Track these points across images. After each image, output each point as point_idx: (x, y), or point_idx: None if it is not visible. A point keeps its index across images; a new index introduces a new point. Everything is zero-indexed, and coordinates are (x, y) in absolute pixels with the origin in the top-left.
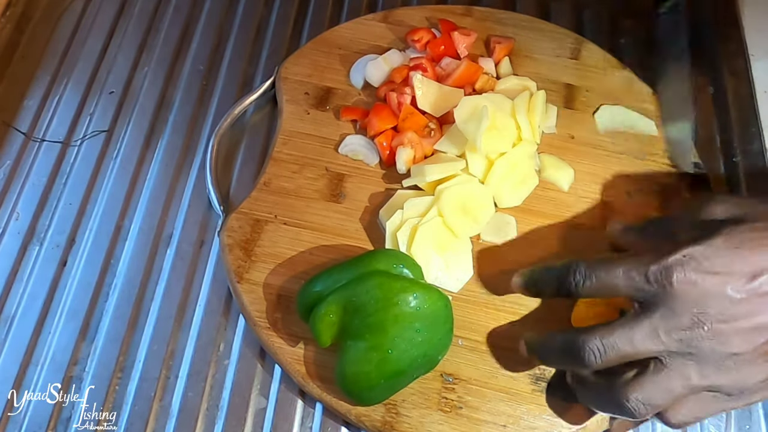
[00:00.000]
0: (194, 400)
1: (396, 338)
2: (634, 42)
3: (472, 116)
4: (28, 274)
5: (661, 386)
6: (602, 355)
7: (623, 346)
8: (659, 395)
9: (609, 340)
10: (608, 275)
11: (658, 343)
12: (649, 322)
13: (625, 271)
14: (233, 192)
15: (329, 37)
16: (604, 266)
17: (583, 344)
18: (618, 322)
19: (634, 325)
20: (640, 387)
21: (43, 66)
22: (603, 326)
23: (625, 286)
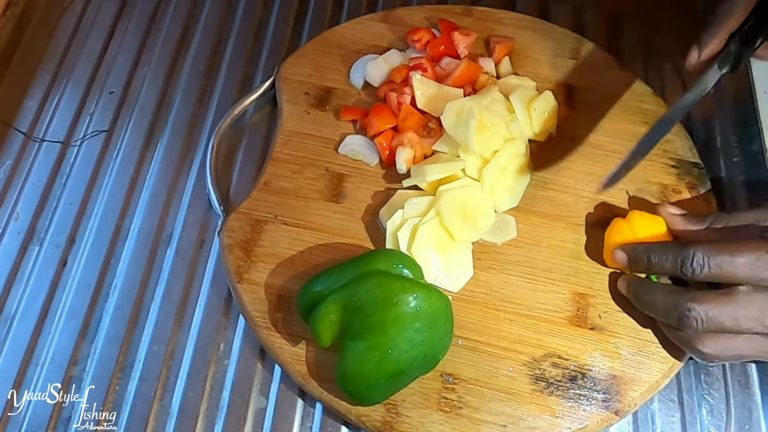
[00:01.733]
0: (194, 400)
1: (396, 338)
2: (634, 42)
3: (459, 120)
4: (28, 274)
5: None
6: (704, 323)
7: (727, 322)
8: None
9: (714, 313)
10: (730, 264)
11: (762, 326)
12: (759, 306)
13: (750, 260)
14: (233, 192)
15: (329, 37)
16: (724, 254)
17: (689, 312)
18: (726, 297)
19: (745, 304)
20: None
21: (43, 66)
22: (710, 296)
23: (747, 273)
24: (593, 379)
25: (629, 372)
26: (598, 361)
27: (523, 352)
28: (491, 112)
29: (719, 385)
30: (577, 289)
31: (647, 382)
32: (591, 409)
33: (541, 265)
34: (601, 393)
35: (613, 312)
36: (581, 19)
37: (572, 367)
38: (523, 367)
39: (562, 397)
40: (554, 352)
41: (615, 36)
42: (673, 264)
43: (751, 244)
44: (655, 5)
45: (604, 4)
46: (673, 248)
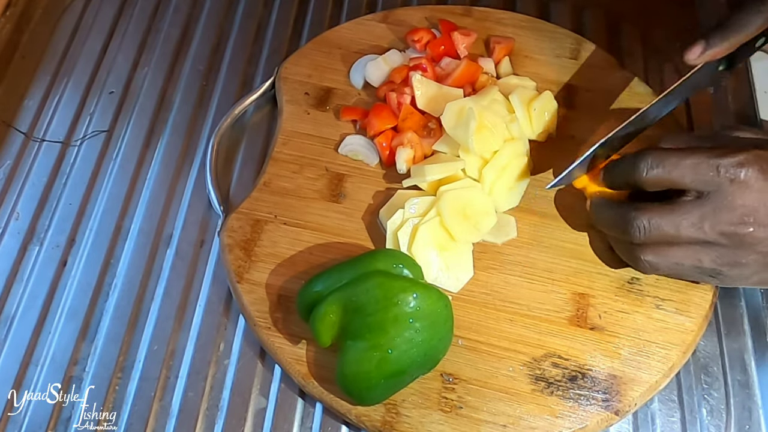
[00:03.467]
0: (194, 400)
1: (396, 338)
2: (634, 42)
3: (459, 120)
4: (28, 274)
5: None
6: (646, 231)
7: (668, 228)
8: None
9: (656, 221)
10: (678, 166)
11: (700, 232)
12: (699, 212)
13: (695, 162)
14: (233, 192)
15: (329, 37)
16: (673, 157)
17: (632, 220)
18: (670, 206)
19: (685, 212)
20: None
21: (43, 66)
22: (655, 206)
23: (692, 177)
24: (593, 379)
25: (629, 372)
26: (598, 361)
27: (523, 352)
28: (491, 112)
29: (719, 385)
30: (577, 289)
31: (647, 382)
32: (591, 409)
33: (541, 265)
34: (601, 393)
35: (613, 312)
36: (581, 19)
37: (572, 367)
38: (523, 367)
39: (562, 397)
40: (554, 352)
41: (615, 36)
42: (628, 169)
43: (698, 151)
44: (655, 5)
45: (604, 4)
46: (628, 156)
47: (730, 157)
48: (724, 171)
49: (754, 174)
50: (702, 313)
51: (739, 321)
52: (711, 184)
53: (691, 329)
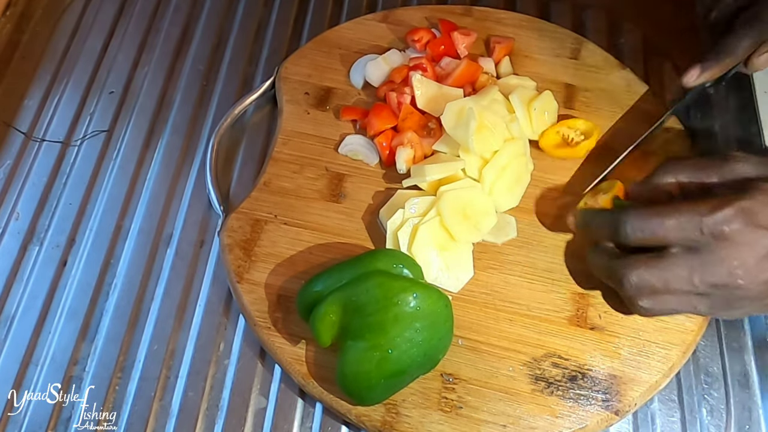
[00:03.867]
0: (194, 400)
1: (396, 338)
2: (634, 42)
3: (459, 120)
4: (28, 274)
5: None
6: (636, 287)
7: (657, 283)
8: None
9: (645, 276)
10: (660, 228)
11: (690, 285)
12: (688, 266)
13: (678, 223)
14: (233, 192)
15: (329, 37)
16: (655, 218)
17: (622, 276)
18: (657, 259)
19: (672, 266)
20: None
21: (43, 66)
22: (642, 260)
23: (676, 237)
24: (593, 379)
25: (629, 372)
26: (598, 361)
27: (523, 352)
28: (491, 112)
29: (719, 385)
30: (577, 289)
31: (647, 382)
32: (591, 409)
33: (541, 265)
34: (601, 393)
35: (613, 312)
36: (581, 19)
37: (572, 367)
38: (523, 367)
39: (562, 397)
40: (554, 352)
41: (615, 36)
42: (609, 230)
43: (680, 208)
44: (655, 5)
45: (605, 4)
46: (608, 215)
47: (714, 214)
48: (708, 230)
49: (738, 228)
50: None
51: (739, 321)
52: (697, 242)
53: (691, 329)
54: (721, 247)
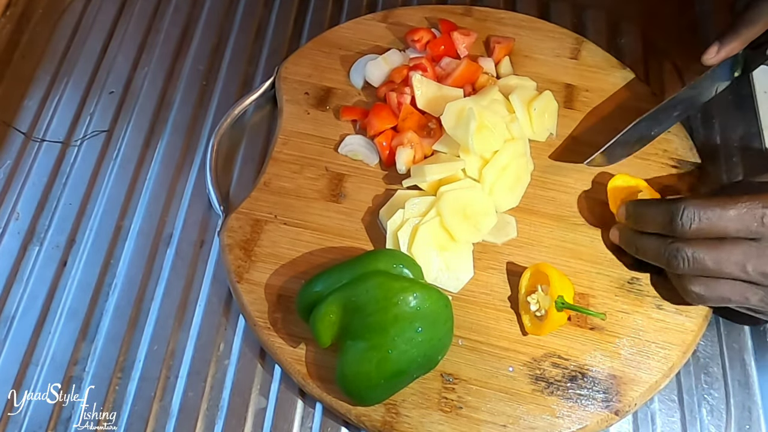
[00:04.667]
0: (194, 400)
1: (396, 338)
2: (634, 42)
3: (459, 121)
4: (28, 274)
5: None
6: (690, 264)
7: (710, 263)
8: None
9: (699, 254)
10: (720, 219)
11: (743, 272)
12: (742, 254)
13: (738, 214)
14: (233, 192)
15: (329, 37)
16: (714, 209)
17: (676, 251)
18: (714, 242)
19: (729, 251)
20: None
21: (43, 66)
22: (699, 241)
23: (736, 228)
24: (593, 379)
25: (629, 372)
26: (598, 361)
27: (523, 352)
28: (491, 112)
29: (719, 385)
30: (577, 289)
31: (647, 382)
32: (591, 409)
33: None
34: (601, 393)
35: (613, 312)
36: (581, 19)
37: (572, 367)
38: (523, 367)
39: (562, 397)
40: (554, 352)
41: (615, 36)
42: (665, 218)
43: (740, 198)
44: (655, 5)
45: (605, 4)
46: (665, 203)
47: None
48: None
49: None
50: (702, 313)
51: None
52: (756, 233)
53: (691, 329)
54: None
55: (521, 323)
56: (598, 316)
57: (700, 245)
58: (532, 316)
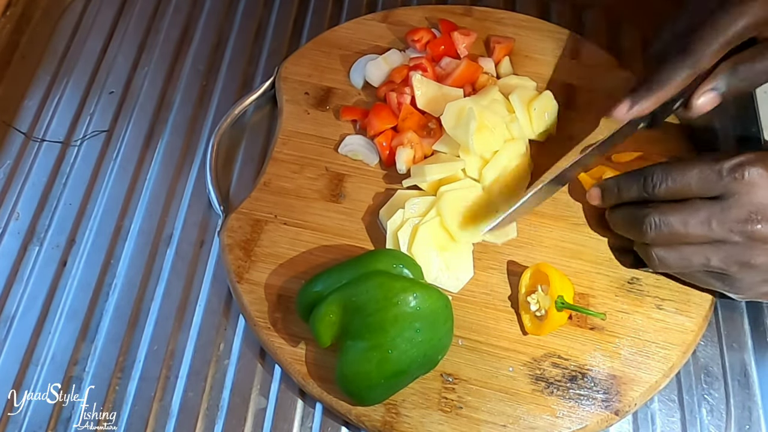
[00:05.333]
0: (194, 400)
1: (396, 338)
2: (634, 42)
3: (459, 121)
4: (28, 274)
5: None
6: (657, 227)
7: (677, 225)
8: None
9: (666, 218)
10: (683, 176)
11: (708, 229)
12: (708, 211)
13: (700, 170)
14: (233, 192)
15: (329, 37)
16: (679, 168)
17: (644, 217)
18: (680, 204)
19: (693, 210)
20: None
21: (43, 66)
22: (666, 205)
23: (698, 184)
24: (593, 379)
25: (629, 372)
26: (598, 361)
27: (523, 352)
28: (491, 112)
29: (719, 385)
30: (577, 289)
31: (647, 382)
32: (591, 409)
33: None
34: (601, 393)
35: (613, 312)
36: (581, 19)
37: (572, 367)
38: (523, 367)
39: (562, 397)
40: (554, 352)
41: (615, 36)
42: (637, 185)
43: (700, 159)
44: (655, 5)
45: (604, 4)
46: (636, 172)
47: (732, 159)
48: (727, 173)
49: (757, 172)
50: (702, 313)
51: (739, 321)
52: (717, 188)
53: (691, 329)
54: (740, 190)
55: (521, 323)
56: (598, 316)
57: (667, 209)
58: (532, 316)
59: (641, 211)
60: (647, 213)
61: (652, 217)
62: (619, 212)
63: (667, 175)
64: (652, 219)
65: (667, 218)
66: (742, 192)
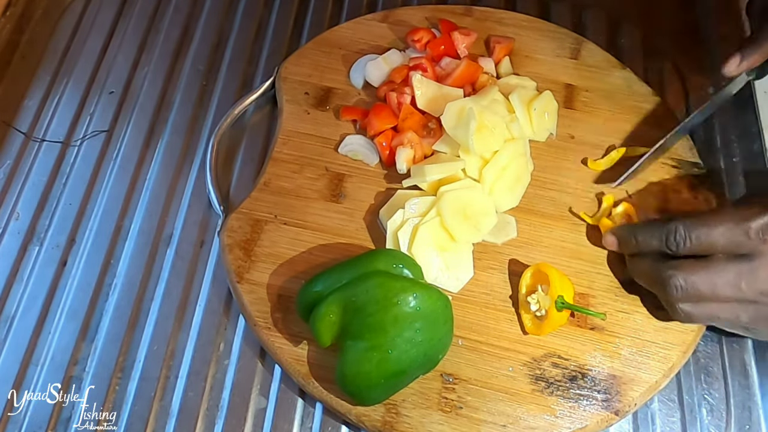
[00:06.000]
0: (194, 400)
1: (396, 338)
2: (634, 42)
3: (459, 121)
4: (28, 274)
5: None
6: (683, 290)
7: (704, 288)
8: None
9: (692, 279)
10: (709, 235)
11: (738, 291)
12: (735, 272)
13: (726, 229)
14: (233, 192)
15: (329, 37)
16: (703, 226)
17: (669, 278)
18: (705, 263)
19: (720, 271)
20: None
21: (43, 66)
22: (690, 264)
23: (724, 243)
24: (593, 379)
25: (629, 372)
26: (598, 361)
27: (523, 352)
28: (491, 112)
29: (719, 385)
30: (577, 289)
31: (647, 382)
32: (591, 409)
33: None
34: (601, 393)
35: (613, 312)
36: (581, 19)
37: (572, 367)
38: (523, 367)
39: (562, 397)
40: (554, 352)
41: (615, 36)
42: (658, 240)
43: (726, 217)
44: (655, 5)
45: (604, 4)
46: (656, 226)
47: (758, 218)
48: (755, 234)
49: None
50: None
51: None
52: (744, 248)
53: (691, 329)
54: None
55: (521, 323)
56: (598, 316)
57: (692, 269)
58: (532, 316)
59: (665, 271)
60: (671, 275)
61: (677, 278)
62: (641, 264)
63: (690, 233)
64: (677, 281)
65: (693, 280)
66: None
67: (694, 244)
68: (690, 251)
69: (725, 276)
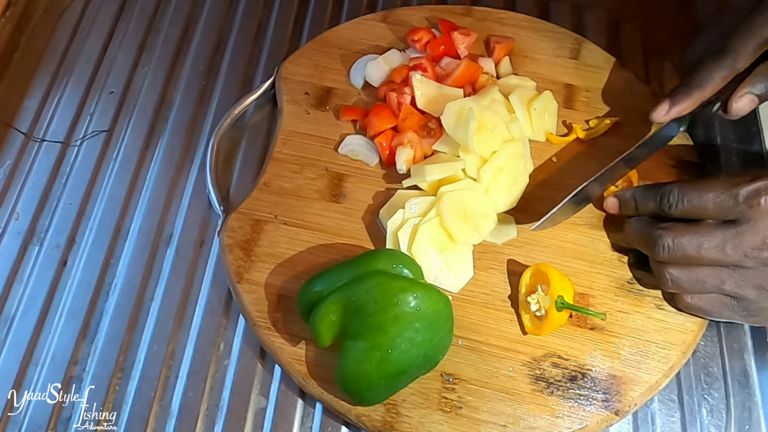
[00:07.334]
0: (194, 400)
1: (396, 338)
2: (634, 42)
3: (459, 121)
4: (28, 274)
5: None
6: (670, 250)
7: (691, 249)
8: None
9: (680, 240)
10: (701, 198)
11: (722, 254)
12: (722, 236)
13: (716, 194)
14: (233, 192)
15: (329, 37)
16: (696, 190)
17: (657, 238)
18: (694, 226)
19: (707, 234)
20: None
21: (43, 66)
22: (680, 226)
23: (714, 207)
24: (593, 379)
25: (629, 372)
26: (598, 361)
27: (523, 352)
28: (491, 113)
29: (719, 385)
30: (577, 289)
31: (647, 382)
32: (591, 409)
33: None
34: (601, 393)
35: (613, 312)
36: (581, 19)
37: (572, 367)
38: (523, 367)
39: (562, 397)
40: (554, 352)
41: (615, 36)
42: (654, 202)
43: (718, 182)
44: (655, 5)
45: (604, 4)
46: (654, 188)
47: (747, 185)
48: (743, 199)
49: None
50: None
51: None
52: (732, 213)
53: (691, 329)
54: (756, 217)
55: (521, 323)
56: (598, 316)
57: (681, 232)
58: (532, 316)
59: (655, 231)
60: (661, 234)
61: (665, 239)
62: (635, 225)
63: (684, 196)
64: (665, 241)
65: (681, 241)
66: (758, 219)
67: (686, 207)
68: (682, 214)
69: (712, 239)
